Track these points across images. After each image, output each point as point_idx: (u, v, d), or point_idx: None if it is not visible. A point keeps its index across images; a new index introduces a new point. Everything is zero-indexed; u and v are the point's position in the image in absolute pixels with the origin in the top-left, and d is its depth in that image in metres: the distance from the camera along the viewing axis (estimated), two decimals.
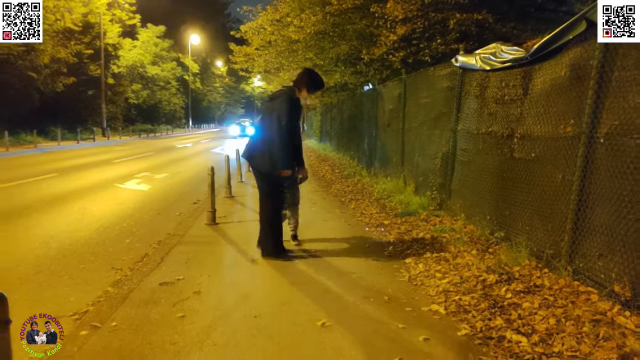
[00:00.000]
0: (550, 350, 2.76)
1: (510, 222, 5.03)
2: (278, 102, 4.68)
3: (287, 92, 4.79)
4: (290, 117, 4.60)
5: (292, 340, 2.94)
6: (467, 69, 6.24)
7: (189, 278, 4.09)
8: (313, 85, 4.93)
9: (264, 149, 4.63)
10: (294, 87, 4.84)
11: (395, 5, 11.50)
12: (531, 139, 4.73)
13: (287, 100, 4.64)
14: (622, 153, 3.48)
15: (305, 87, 4.84)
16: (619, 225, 3.47)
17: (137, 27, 38.39)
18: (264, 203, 4.85)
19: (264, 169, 4.69)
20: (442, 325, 3.19)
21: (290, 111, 4.60)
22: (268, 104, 4.92)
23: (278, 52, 16.64)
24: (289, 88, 4.87)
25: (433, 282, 4.02)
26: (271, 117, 4.62)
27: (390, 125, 10.29)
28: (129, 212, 7.42)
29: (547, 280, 3.85)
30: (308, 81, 4.89)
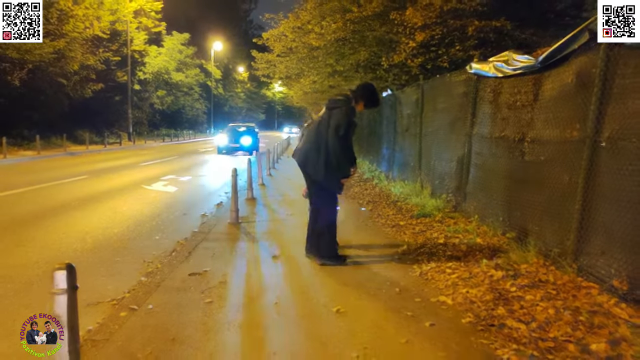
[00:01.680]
0: (547, 335, 3.00)
1: (521, 222, 5.25)
2: (337, 112, 4.61)
3: (346, 103, 4.69)
4: (350, 128, 4.61)
5: (310, 323, 3.24)
6: (481, 76, 6.46)
7: (215, 270, 4.42)
8: (371, 102, 4.92)
9: (319, 157, 4.56)
10: (352, 98, 4.77)
11: (414, 12, 11.78)
12: (540, 143, 4.95)
13: (346, 112, 4.60)
14: (622, 156, 3.69)
15: (363, 101, 4.84)
16: (619, 224, 3.68)
17: (162, 34, 39.39)
18: (318, 209, 4.78)
19: (317, 177, 4.63)
20: (448, 313, 3.45)
21: (349, 122, 4.60)
22: (326, 112, 4.76)
23: (299, 59, 17.03)
24: (347, 98, 4.75)
25: (443, 277, 4.27)
26: (328, 126, 4.56)
27: (408, 130, 10.53)
28: (157, 212, 7.82)
29: (552, 276, 4.06)
30: (369, 96, 4.88)
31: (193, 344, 2.89)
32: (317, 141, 4.62)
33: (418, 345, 2.91)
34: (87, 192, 9.64)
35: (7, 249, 5.28)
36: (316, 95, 24.20)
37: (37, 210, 7.49)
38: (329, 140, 4.52)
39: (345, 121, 4.53)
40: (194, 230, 6.34)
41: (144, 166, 15.85)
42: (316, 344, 2.91)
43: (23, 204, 8.12)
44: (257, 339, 2.99)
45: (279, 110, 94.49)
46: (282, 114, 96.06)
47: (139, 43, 33.82)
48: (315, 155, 4.59)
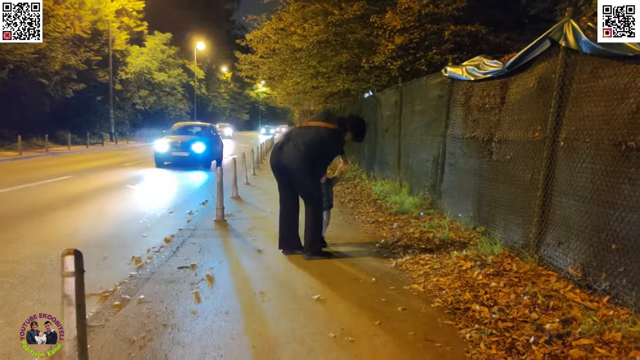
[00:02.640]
0: (506, 317, 3.32)
1: (489, 217, 5.60)
2: (325, 133, 4.96)
3: (337, 133, 5.06)
4: (334, 154, 5.34)
5: (291, 309, 3.51)
6: (455, 79, 6.81)
7: (203, 264, 4.66)
8: (358, 136, 5.36)
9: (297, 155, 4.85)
10: (343, 126, 5.16)
11: (393, 15, 12.12)
12: (506, 143, 5.30)
13: (332, 137, 5.02)
14: (576, 155, 4.05)
15: (351, 133, 5.25)
16: (574, 217, 4.03)
17: (144, 34, 39.18)
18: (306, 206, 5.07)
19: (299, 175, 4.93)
20: (419, 299, 3.76)
21: (335, 150, 5.23)
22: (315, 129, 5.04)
23: (282, 60, 17.25)
24: (338, 129, 5.09)
25: (416, 267, 4.58)
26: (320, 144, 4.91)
27: (388, 131, 10.87)
28: (143, 210, 8.01)
29: (515, 265, 4.40)
30: (357, 131, 5.30)
31: (184, 327, 3.14)
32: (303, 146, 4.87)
33: (390, 326, 3.21)
34: (73, 192, 9.76)
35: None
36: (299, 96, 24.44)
37: (24, 210, 7.62)
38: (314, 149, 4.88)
39: (330, 144, 5.07)
40: (180, 227, 6.55)
41: (127, 166, 15.93)
42: (297, 326, 3.19)
43: (10, 203, 8.23)
44: (242, 323, 3.25)
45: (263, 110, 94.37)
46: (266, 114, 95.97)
47: (121, 43, 33.66)
48: (299, 158, 4.86)
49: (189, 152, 15.12)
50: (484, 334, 3.03)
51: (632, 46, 3.45)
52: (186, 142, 15.38)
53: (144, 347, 2.84)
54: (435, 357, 2.79)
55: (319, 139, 4.94)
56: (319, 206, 5.13)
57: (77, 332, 2.06)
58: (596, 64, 3.95)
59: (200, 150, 15.22)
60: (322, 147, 4.96)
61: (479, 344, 2.92)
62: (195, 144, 15.31)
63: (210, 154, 15.71)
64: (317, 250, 5.01)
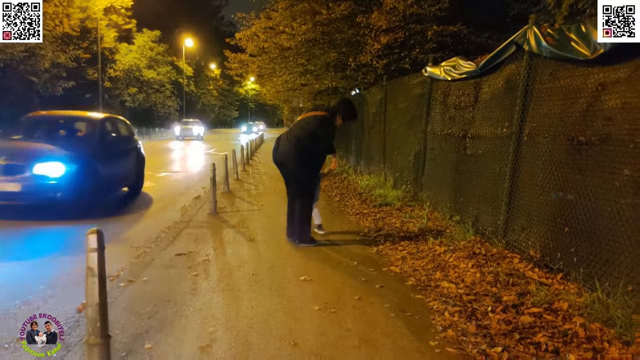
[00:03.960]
0: (470, 292, 3.76)
1: (464, 207, 6.04)
2: (314, 122, 5.35)
3: (326, 119, 5.40)
4: (324, 136, 5.42)
5: (281, 288, 3.92)
6: (434, 79, 7.24)
7: (199, 251, 5.05)
8: (347, 116, 5.57)
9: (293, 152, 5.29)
10: (332, 112, 5.47)
11: (379, 16, 12.55)
12: (479, 139, 5.75)
13: (322, 124, 5.34)
14: (537, 149, 4.50)
15: (340, 114, 5.49)
16: (534, 205, 4.49)
17: (133, 31, 39.23)
18: (297, 199, 5.40)
19: (292, 168, 5.36)
20: (395, 279, 4.19)
21: (324, 132, 5.40)
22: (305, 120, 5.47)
23: (271, 59, 17.59)
24: (328, 115, 5.43)
25: (395, 252, 5.02)
26: (305, 130, 5.31)
27: (374, 127, 11.30)
28: (137, 205, 8.35)
29: (484, 249, 4.85)
30: (344, 111, 5.52)
31: (185, 302, 3.53)
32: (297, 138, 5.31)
33: (368, 300, 3.64)
34: None
35: None
36: (289, 93, 24.80)
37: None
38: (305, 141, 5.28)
39: (328, 134, 5.47)
40: (175, 220, 6.91)
41: None
42: (286, 301, 3.60)
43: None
44: (236, 298, 3.65)
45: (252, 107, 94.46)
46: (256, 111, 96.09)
47: (110, 40, 33.70)
48: (291, 151, 5.32)
49: (23, 182, 6.35)
50: (448, 305, 3.47)
51: (582, 51, 3.89)
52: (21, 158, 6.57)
53: (152, 317, 3.23)
54: (405, 323, 3.22)
55: (309, 128, 5.35)
56: (308, 197, 5.49)
57: (100, 299, 2.44)
58: (554, 67, 4.39)
59: (55, 175, 6.48)
60: (313, 135, 5.31)
61: (443, 312, 3.36)
62: (41, 164, 6.48)
63: (87, 183, 6.94)
64: (305, 238, 5.41)
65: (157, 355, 2.74)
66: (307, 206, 5.46)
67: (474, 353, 2.79)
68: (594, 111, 3.79)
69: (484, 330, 3.04)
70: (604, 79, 3.71)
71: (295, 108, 36.43)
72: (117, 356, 2.67)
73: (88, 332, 2.45)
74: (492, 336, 2.96)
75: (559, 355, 2.72)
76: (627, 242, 3.30)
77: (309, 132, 5.33)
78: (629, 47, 3.45)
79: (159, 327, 3.10)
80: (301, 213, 5.41)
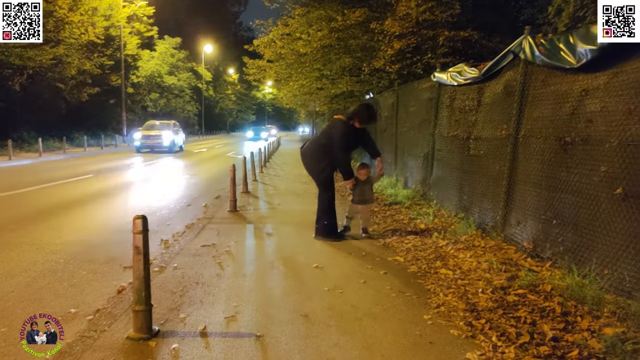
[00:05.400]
0: (465, 277, 4.18)
1: (467, 205, 6.45)
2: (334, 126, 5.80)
3: (343, 122, 5.77)
4: (342, 139, 5.68)
5: (295, 273, 4.40)
6: (442, 84, 7.66)
7: (221, 243, 5.56)
8: (364, 119, 5.83)
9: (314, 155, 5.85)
10: (350, 116, 5.82)
11: (393, 22, 13.01)
12: (481, 140, 6.15)
13: (340, 128, 5.72)
14: (530, 149, 4.90)
15: (357, 118, 5.79)
16: (528, 200, 4.88)
17: (154, 38, 40.34)
18: (319, 198, 5.93)
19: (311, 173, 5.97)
20: (399, 267, 4.63)
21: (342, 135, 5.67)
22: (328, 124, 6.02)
23: (288, 64, 18.14)
24: (345, 119, 5.81)
25: (401, 245, 5.45)
26: (327, 134, 5.82)
27: (386, 130, 11.73)
28: (164, 204, 8.92)
29: (483, 242, 5.26)
30: (361, 115, 5.81)
31: (211, 284, 4.03)
32: (317, 143, 5.90)
33: (372, 283, 4.09)
34: (96, 189, 10.72)
35: (45, 231, 6.36)
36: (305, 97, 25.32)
37: (57, 204, 8.57)
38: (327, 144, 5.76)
39: (339, 134, 5.70)
40: (198, 217, 7.45)
41: (144, 165, 16.90)
42: (299, 284, 4.07)
43: (43, 198, 9.18)
44: (256, 281, 4.14)
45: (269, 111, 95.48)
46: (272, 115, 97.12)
47: (132, 47, 34.74)
48: (308, 150, 5.92)
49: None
50: (443, 287, 3.90)
51: (569, 59, 4.29)
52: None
53: (183, 295, 3.73)
54: (404, 301, 3.66)
55: (327, 129, 5.95)
56: (325, 194, 5.93)
57: (144, 273, 2.94)
58: (546, 74, 4.80)
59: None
60: (328, 135, 5.84)
61: (439, 294, 3.80)
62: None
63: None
64: (321, 232, 5.87)
65: (190, 323, 3.23)
66: (323, 201, 5.92)
67: (461, 324, 3.21)
68: (578, 114, 4.18)
69: (472, 307, 3.47)
70: (587, 85, 4.11)
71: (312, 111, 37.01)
72: (157, 323, 3.16)
73: (134, 301, 2.96)
74: (478, 311, 3.39)
75: (535, 326, 3.13)
76: (604, 231, 3.69)
77: (325, 132, 5.93)
78: (608, 57, 3.84)
79: (190, 302, 3.60)
80: (320, 208, 5.91)
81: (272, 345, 2.92)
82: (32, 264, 4.81)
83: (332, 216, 5.95)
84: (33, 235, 6.11)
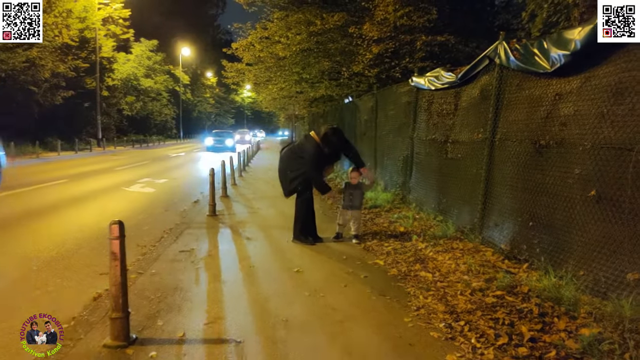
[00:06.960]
0: (445, 279, 4.22)
1: (446, 208, 6.52)
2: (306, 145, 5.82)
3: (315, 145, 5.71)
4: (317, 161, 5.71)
5: (276, 277, 4.38)
6: (420, 88, 7.73)
7: (201, 248, 5.50)
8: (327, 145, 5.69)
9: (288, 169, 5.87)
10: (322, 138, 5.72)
11: (371, 26, 13.10)
12: (458, 143, 6.23)
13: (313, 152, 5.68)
14: (506, 152, 4.98)
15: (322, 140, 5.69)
16: (504, 202, 4.96)
17: (130, 41, 39.80)
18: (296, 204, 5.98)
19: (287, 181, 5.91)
20: (379, 270, 4.64)
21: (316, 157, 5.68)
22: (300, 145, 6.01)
23: (267, 67, 18.09)
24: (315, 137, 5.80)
25: (381, 248, 5.47)
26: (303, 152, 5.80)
27: (365, 134, 11.78)
28: (141, 209, 8.78)
29: (462, 245, 5.31)
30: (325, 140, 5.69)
31: (190, 290, 3.98)
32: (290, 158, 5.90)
33: (352, 287, 4.09)
34: (72, 194, 10.48)
35: (18, 237, 6.19)
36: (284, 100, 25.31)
37: (32, 209, 8.35)
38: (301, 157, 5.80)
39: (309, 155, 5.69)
40: (176, 222, 7.35)
41: (119, 170, 16.62)
42: (280, 288, 4.05)
43: (17, 204, 8.94)
44: (237, 286, 4.10)
45: (248, 115, 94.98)
46: (252, 118, 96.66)
47: (108, 50, 34.21)
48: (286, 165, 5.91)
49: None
50: (423, 290, 3.93)
51: (543, 64, 4.37)
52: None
53: (161, 302, 3.68)
54: (384, 304, 3.68)
55: (303, 141, 5.97)
56: (299, 198, 5.96)
57: (121, 279, 2.88)
58: (521, 79, 4.89)
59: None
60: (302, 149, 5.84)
61: (418, 296, 3.82)
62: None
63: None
64: (298, 236, 5.87)
65: (168, 330, 3.17)
66: (298, 207, 5.94)
67: (440, 326, 3.24)
68: (552, 118, 4.27)
69: (452, 309, 3.50)
70: (560, 89, 4.20)
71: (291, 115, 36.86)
72: (134, 330, 3.10)
73: (111, 308, 2.89)
74: (458, 313, 3.42)
75: (513, 327, 3.17)
76: (579, 232, 3.78)
77: (301, 145, 5.97)
78: (580, 62, 3.93)
79: (168, 309, 3.54)
80: (296, 212, 5.92)
81: (252, 351, 2.89)
82: (4, 272, 4.67)
83: (309, 219, 5.99)
84: (5, 241, 5.94)
